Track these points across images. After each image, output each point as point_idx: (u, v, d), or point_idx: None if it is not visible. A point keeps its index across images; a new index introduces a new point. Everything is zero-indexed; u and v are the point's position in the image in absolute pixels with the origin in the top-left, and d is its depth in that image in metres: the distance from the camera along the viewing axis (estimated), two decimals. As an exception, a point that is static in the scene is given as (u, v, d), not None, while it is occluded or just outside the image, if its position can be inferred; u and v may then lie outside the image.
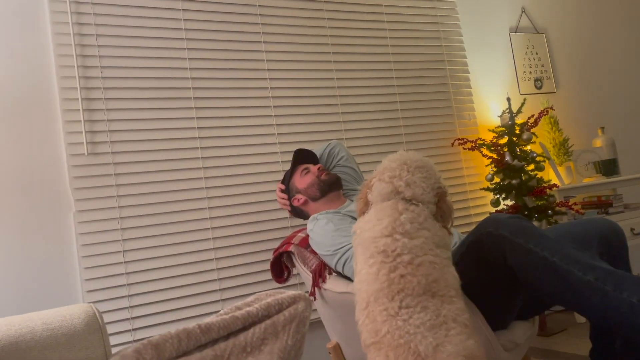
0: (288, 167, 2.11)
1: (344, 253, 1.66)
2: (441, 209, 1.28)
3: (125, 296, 2.06)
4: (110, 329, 2.00)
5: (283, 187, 2.05)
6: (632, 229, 2.84)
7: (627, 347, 1.59)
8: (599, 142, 3.17)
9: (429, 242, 1.16)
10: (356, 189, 2.08)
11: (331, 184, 1.96)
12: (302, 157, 2.06)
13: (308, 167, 2.01)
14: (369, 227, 1.20)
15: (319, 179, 1.96)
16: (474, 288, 1.45)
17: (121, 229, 2.10)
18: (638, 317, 1.19)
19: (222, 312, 0.86)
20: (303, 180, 1.99)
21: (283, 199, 2.06)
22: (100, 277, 2.04)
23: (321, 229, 1.77)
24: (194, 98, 2.31)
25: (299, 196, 1.99)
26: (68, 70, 2.09)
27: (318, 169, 1.99)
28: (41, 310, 1.33)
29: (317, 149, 2.16)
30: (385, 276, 1.10)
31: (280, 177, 2.25)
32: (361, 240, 1.21)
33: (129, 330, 2.05)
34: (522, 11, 3.40)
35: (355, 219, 1.78)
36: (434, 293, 1.10)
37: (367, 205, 1.30)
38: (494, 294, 1.46)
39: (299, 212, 2.05)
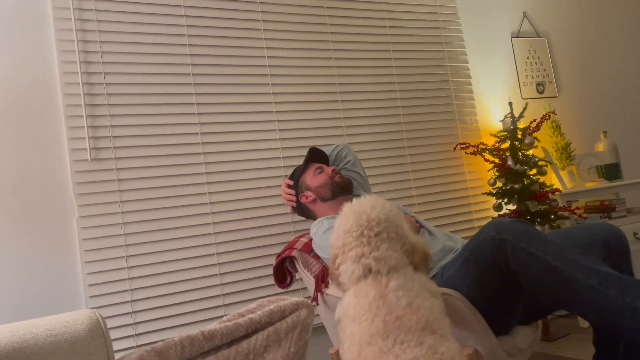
0: (290, 172, 2.11)
1: None
2: (415, 264, 1.17)
3: (128, 301, 2.07)
4: (113, 334, 2.00)
5: (291, 182, 2.04)
6: (635, 233, 2.83)
7: (631, 352, 1.59)
8: (601, 147, 3.17)
9: (424, 291, 1.08)
10: (361, 195, 2.07)
11: (344, 187, 1.97)
12: (316, 156, 2.06)
13: (322, 167, 2.01)
14: (353, 305, 1.08)
15: (333, 180, 1.96)
16: (476, 293, 1.46)
17: (124, 234, 2.10)
18: (637, 322, 1.19)
19: (225, 318, 0.86)
20: (316, 178, 1.98)
21: (289, 194, 2.04)
22: (103, 283, 2.04)
23: (325, 232, 1.77)
24: (196, 104, 2.32)
25: (308, 193, 1.99)
26: (71, 77, 2.10)
27: (332, 170, 1.99)
28: (44, 316, 1.33)
29: (325, 149, 2.15)
30: (381, 320, 1.01)
31: (282, 181, 2.25)
32: (347, 315, 1.09)
33: (132, 336, 2.05)
34: (524, 16, 3.41)
35: None
36: (434, 330, 1.00)
37: (339, 285, 1.19)
38: (496, 298, 1.46)
39: (304, 210, 2.04)
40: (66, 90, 2.09)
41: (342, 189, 1.96)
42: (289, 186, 2.05)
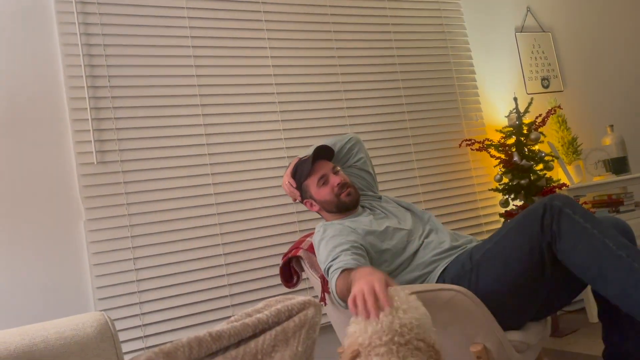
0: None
1: (332, 272, 1.59)
2: None
3: (136, 303, 2.08)
4: (122, 336, 2.01)
5: (294, 183, 1.93)
6: (643, 227, 2.81)
7: (640, 347, 1.59)
8: (608, 140, 3.15)
9: None
10: (368, 194, 2.04)
11: (351, 206, 1.88)
12: (320, 153, 1.93)
13: (326, 177, 1.88)
14: None
15: (339, 199, 1.85)
16: (505, 271, 1.49)
17: (131, 236, 2.11)
18: None
19: (232, 319, 0.87)
20: (320, 191, 1.87)
21: (293, 193, 1.95)
22: (112, 285, 2.05)
23: (317, 243, 1.74)
24: (201, 105, 2.33)
25: (313, 202, 1.91)
26: (76, 80, 2.11)
27: (338, 185, 1.86)
28: (54, 320, 1.34)
29: (337, 140, 2.03)
30: None
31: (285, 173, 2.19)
32: None
33: (140, 338, 2.06)
34: (528, 10, 3.39)
35: (354, 229, 1.74)
36: None
37: None
38: (522, 281, 1.48)
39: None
40: (71, 94, 2.10)
41: (349, 209, 1.88)
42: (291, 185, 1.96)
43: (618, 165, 3.07)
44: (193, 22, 2.37)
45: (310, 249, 1.88)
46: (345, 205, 1.87)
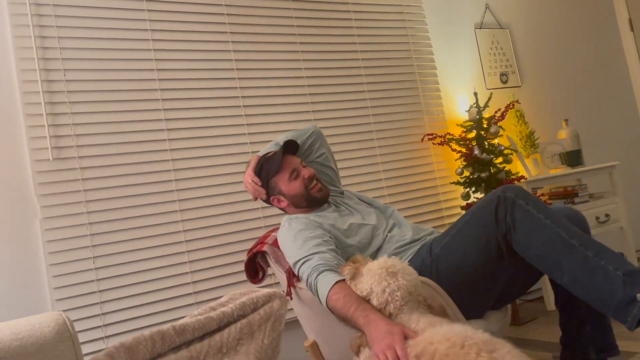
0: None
1: (300, 267, 1.61)
2: None
3: (97, 303, 2.02)
4: (82, 337, 1.95)
5: (259, 182, 1.89)
6: (597, 218, 2.92)
7: (596, 332, 1.65)
8: (563, 134, 3.25)
9: None
10: (331, 190, 2.03)
11: (322, 201, 1.88)
12: (288, 148, 1.91)
13: (297, 171, 1.86)
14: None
15: (309, 192, 1.84)
16: (465, 263, 1.53)
17: (90, 234, 2.05)
18: (608, 283, 1.31)
19: (196, 312, 0.85)
20: (291, 185, 1.85)
21: (257, 191, 1.91)
22: (70, 285, 1.99)
23: (283, 237, 1.74)
24: (161, 100, 2.28)
25: (281, 198, 1.88)
26: (29, 74, 2.03)
27: (309, 177, 1.85)
28: (9, 321, 1.29)
29: (298, 134, 2.00)
30: None
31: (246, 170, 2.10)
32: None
33: (102, 338, 2.01)
34: (486, 7, 3.46)
35: (319, 224, 1.73)
36: None
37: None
38: (481, 273, 1.52)
39: (274, 205, 1.99)
40: (24, 88, 2.02)
41: (319, 204, 1.88)
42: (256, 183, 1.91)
43: (573, 158, 3.17)
44: (153, 14, 2.31)
45: (275, 243, 1.87)
46: (316, 200, 1.86)
